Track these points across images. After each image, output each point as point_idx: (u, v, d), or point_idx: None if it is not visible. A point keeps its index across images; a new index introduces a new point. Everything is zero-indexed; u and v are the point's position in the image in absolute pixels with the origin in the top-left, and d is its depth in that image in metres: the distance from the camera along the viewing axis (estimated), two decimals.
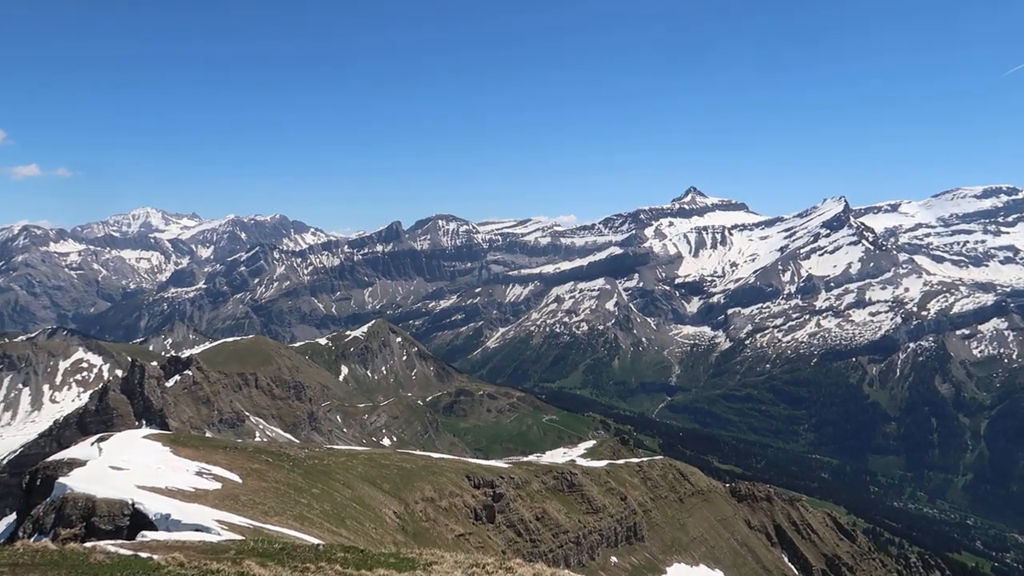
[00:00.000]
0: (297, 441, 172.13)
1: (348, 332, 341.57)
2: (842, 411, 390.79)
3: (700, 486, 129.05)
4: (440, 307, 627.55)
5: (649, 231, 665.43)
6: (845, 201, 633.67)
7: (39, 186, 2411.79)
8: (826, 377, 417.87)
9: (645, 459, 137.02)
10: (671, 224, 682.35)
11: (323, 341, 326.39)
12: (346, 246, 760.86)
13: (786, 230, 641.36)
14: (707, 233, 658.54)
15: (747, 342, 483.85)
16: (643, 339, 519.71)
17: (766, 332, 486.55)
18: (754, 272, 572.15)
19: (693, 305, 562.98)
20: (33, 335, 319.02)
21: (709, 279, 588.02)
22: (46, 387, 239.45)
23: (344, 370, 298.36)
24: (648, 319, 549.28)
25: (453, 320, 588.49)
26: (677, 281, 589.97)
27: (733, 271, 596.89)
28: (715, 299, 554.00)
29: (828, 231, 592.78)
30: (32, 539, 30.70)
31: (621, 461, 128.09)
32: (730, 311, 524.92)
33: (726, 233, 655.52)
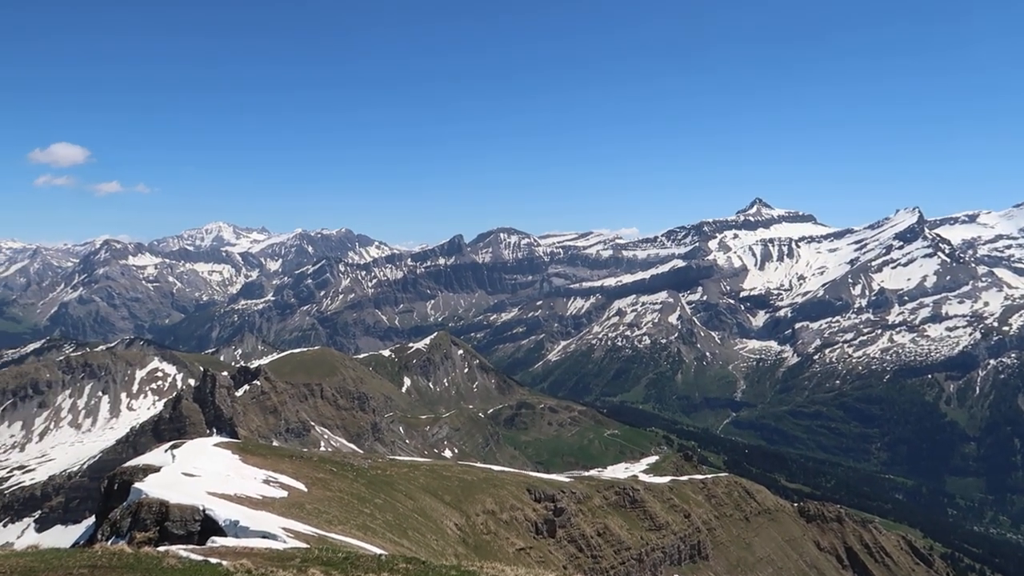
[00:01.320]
0: (361, 451, 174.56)
1: (411, 344, 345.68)
2: (917, 430, 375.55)
3: (767, 505, 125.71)
4: (501, 320, 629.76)
5: (713, 243, 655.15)
6: (919, 212, 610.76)
7: (120, 202, 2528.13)
8: (900, 394, 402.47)
9: (709, 476, 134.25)
10: (736, 236, 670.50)
11: (386, 353, 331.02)
12: (409, 259, 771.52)
13: (856, 242, 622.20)
14: (773, 245, 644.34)
15: (816, 357, 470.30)
16: (707, 353, 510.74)
17: (836, 347, 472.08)
18: (823, 285, 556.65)
19: (759, 319, 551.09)
20: (112, 345, 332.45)
21: (775, 292, 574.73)
22: (124, 395, 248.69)
23: (407, 382, 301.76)
24: (712, 333, 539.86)
25: (514, 333, 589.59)
26: (742, 294, 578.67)
27: (801, 284, 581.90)
28: (782, 313, 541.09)
29: (901, 243, 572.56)
30: (109, 542, 31.81)
31: (685, 478, 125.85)
32: (798, 325, 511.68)
33: (793, 245, 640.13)
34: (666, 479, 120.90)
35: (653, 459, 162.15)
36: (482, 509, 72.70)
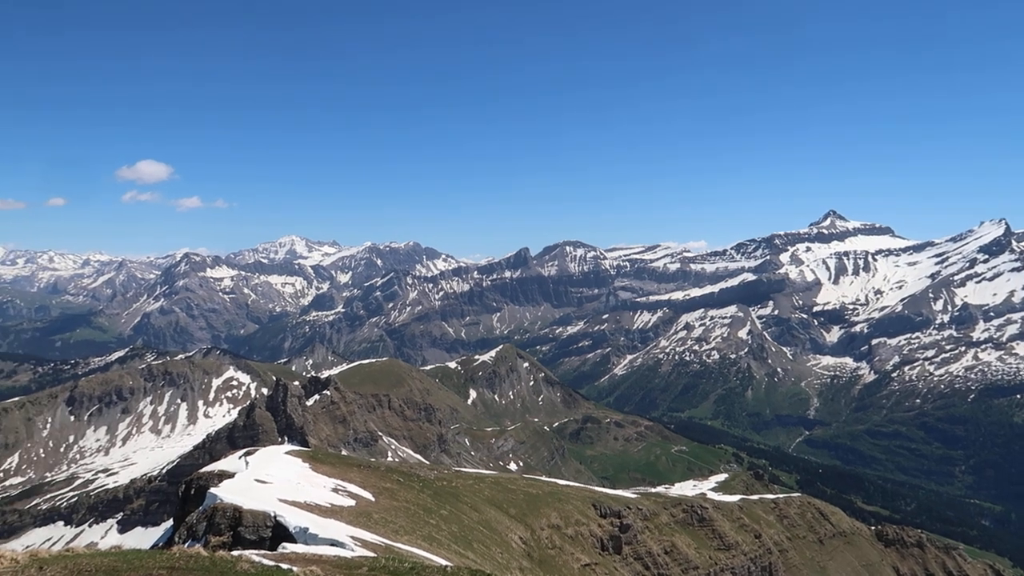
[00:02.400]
0: (427, 462, 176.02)
1: (477, 356, 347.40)
2: (1006, 452, 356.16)
3: (842, 527, 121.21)
4: (567, 333, 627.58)
5: (784, 257, 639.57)
6: (1006, 224, 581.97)
7: (200, 216, 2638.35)
8: (986, 415, 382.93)
9: (781, 496, 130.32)
10: (808, 249, 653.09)
11: (452, 365, 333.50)
12: (475, 272, 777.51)
13: (937, 255, 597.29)
14: (848, 259, 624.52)
15: (894, 375, 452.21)
16: (778, 369, 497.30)
17: (915, 364, 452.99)
18: (901, 300, 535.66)
19: (833, 334, 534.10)
20: (191, 354, 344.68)
21: (851, 307, 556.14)
22: (201, 402, 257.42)
23: (472, 394, 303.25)
24: (784, 348, 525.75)
25: (580, 346, 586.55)
26: (815, 309, 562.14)
27: (878, 299, 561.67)
28: (857, 328, 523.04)
29: (986, 256, 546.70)
30: (186, 544, 32.81)
31: (755, 497, 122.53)
32: (874, 341, 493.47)
33: (869, 259, 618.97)
34: (736, 498, 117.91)
35: (722, 477, 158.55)
36: (547, 523, 72.23)
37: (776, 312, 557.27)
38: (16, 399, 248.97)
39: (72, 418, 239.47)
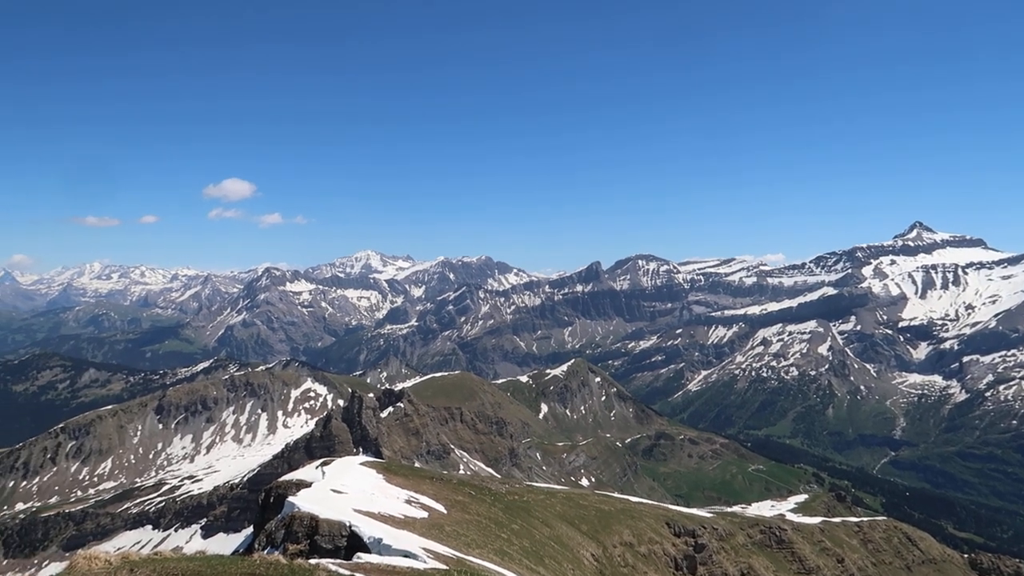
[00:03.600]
0: (498, 476, 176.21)
1: (548, 370, 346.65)
2: None
3: (932, 554, 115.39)
4: (639, 348, 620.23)
5: (867, 270, 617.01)
6: None
7: (281, 232, 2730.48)
8: None
9: (865, 519, 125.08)
10: (893, 262, 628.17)
11: (524, 379, 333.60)
12: (547, 286, 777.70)
13: None
14: (936, 272, 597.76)
15: (988, 394, 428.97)
16: (861, 387, 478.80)
17: (1012, 383, 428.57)
18: (995, 316, 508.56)
19: (920, 351, 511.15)
20: (271, 366, 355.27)
21: (939, 323, 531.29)
22: (280, 413, 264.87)
23: (544, 408, 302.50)
24: (867, 365, 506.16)
25: (653, 361, 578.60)
26: (901, 324, 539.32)
27: (969, 314, 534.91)
28: (947, 345, 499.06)
29: None
30: (265, 551, 33.71)
31: (837, 519, 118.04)
32: (966, 359, 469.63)
33: (959, 272, 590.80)
34: (816, 520, 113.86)
35: (802, 498, 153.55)
36: (619, 541, 71.26)
37: (859, 327, 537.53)
38: (110, 407, 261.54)
39: (160, 426, 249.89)
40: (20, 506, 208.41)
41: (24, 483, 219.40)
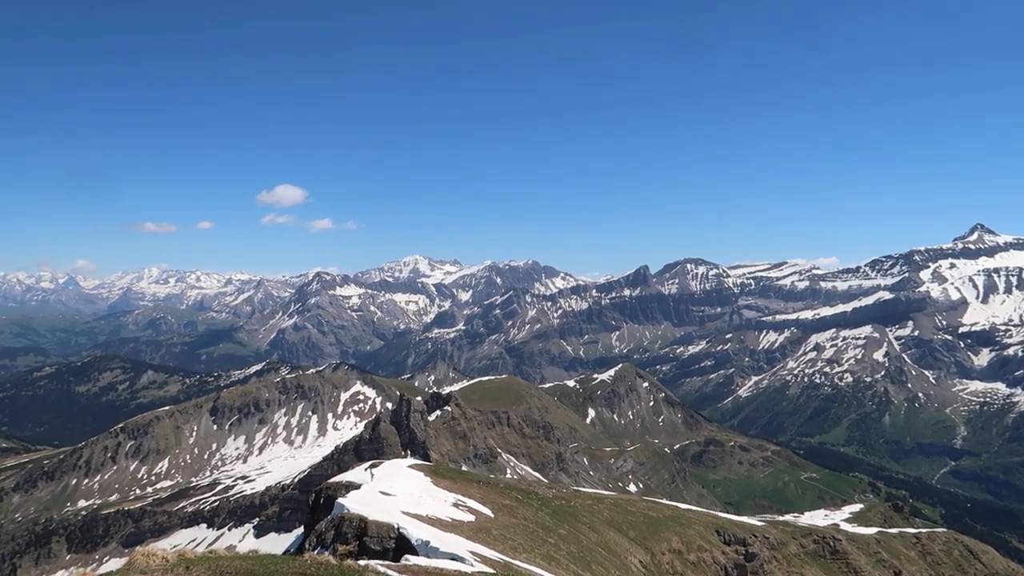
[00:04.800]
0: (545, 480, 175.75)
1: (595, 375, 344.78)
2: None
3: (995, 568, 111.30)
4: (688, 352, 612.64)
5: (925, 274, 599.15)
6: None
7: (331, 237, 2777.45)
8: None
9: (924, 530, 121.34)
10: (952, 266, 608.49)
11: (571, 383, 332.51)
12: (594, 290, 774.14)
13: None
14: (999, 276, 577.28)
15: None
16: (919, 394, 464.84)
17: None
18: None
19: (982, 358, 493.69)
20: (321, 369, 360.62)
21: (1002, 328, 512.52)
22: (330, 415, 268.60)
23: (591, 413, 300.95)
24: (925, 372, 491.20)
25: (702, 366, 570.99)
26: (961, 330, 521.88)
27: None
28: (1011, 351, 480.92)
29: None
30: (316, 551, 34.23)
31: (894, 530, 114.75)
32: None
33: None
34: (872, 530, 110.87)
35: (857, 507, 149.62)
36: (668, 548, 70.44)
37: (916, 333, 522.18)
38: (167, 408, 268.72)
39: (215, 427, 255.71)
40: (82, 503, 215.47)
41: (86, 481, 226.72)
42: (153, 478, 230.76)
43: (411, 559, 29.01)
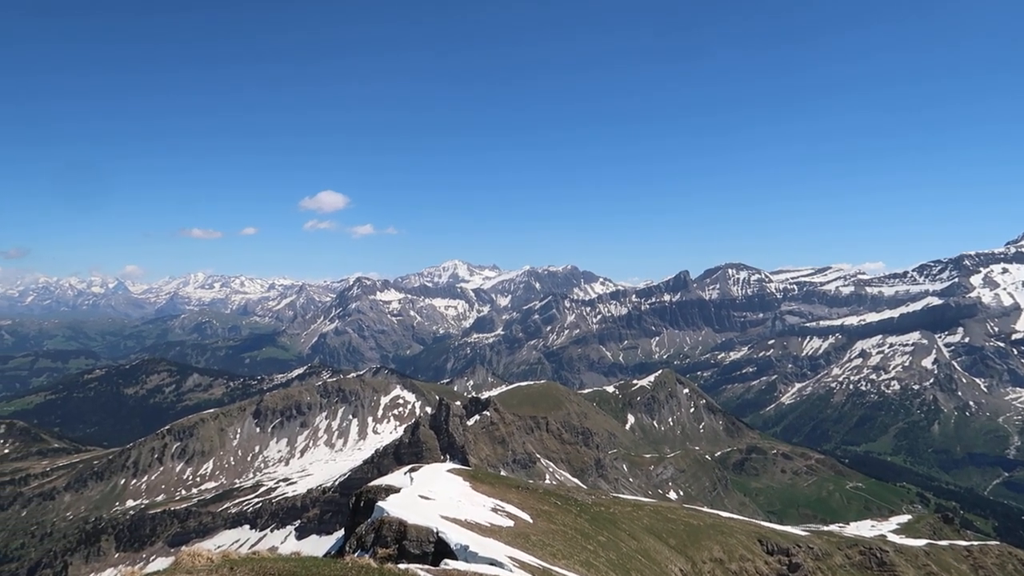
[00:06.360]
0: (584, 487, 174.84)
1: (635, 381, 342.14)
2: None
3: None
4: (730, 359, 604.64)
5: (976, 279, 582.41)
6: None
7: (372, 243, 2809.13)
8: None
9: (976, 543, 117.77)
10: (1005, 271, 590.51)
11: (610, 389, 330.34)
12: (633, 296, 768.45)
13: None
14: None
15: None
16: (970, 403, 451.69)
17: None
18: None
19: None
20: (361, 373, 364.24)
21: None
22: (370, 419, 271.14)
23: (630, 419, 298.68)
24: (977, 380, 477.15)
25: (743, 373, 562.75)
26: (1015, 337, 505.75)
27: None
28: None
29: None
30: (356, 554, 34.51)
31: (944, 543, 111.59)
32: None
33: None
34: (921, 542, 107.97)
35: (905, 518, 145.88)
36: (709, 556, 69.50)
37: (967, 340, 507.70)
38: (211, 411, 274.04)
39: (258, 430, 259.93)
40: (130, 503, 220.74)
41: (134, 481, 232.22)
42: (198, 479, 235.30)
43: (450, 563, 29.06)
